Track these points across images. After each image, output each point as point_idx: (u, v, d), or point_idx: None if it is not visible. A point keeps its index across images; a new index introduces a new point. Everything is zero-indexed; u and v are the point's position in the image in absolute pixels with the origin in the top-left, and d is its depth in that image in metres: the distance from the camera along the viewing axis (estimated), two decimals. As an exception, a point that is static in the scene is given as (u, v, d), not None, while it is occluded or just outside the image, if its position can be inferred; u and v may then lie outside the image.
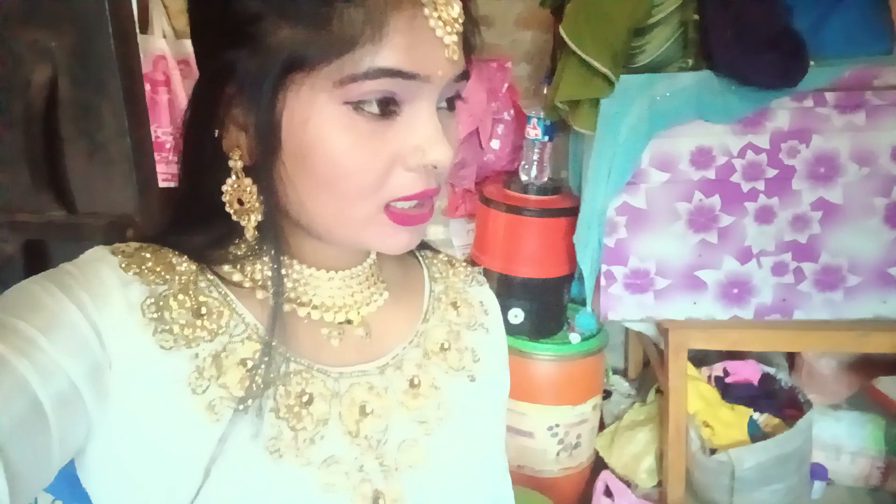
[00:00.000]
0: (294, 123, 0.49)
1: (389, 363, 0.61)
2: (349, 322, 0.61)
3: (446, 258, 0.75)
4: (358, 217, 0.52)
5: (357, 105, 0.48)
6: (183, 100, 2.14)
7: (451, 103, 0.55)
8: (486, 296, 0.75)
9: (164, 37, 2.13)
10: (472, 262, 2.04)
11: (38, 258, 0.86)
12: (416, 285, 0.70)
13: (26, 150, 0.83)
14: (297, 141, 0.49)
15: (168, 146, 2.15)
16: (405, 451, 0.59)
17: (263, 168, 0.52)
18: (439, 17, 0.48)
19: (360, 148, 0.49)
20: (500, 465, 0.74)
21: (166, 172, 2.12)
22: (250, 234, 0.54)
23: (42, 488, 0.46)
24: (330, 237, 0.55)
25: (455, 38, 0.49)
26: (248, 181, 0.53)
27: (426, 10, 0.47)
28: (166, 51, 2.11)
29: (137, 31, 0.91)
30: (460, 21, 0.50)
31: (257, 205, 0.54)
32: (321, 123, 0.49)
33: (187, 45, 2.18)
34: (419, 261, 0.73)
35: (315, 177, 0.50)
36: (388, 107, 0.49)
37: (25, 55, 0.83)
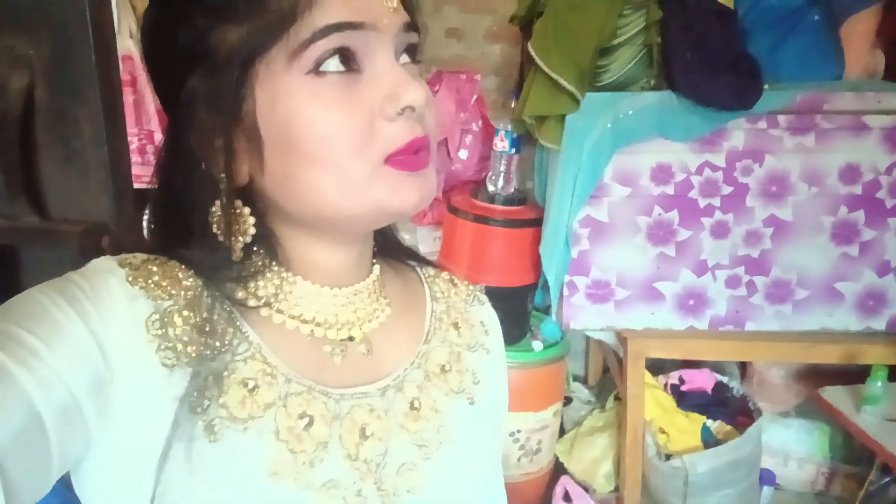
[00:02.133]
0: (265, 112, 0.50)
1: (391, 385, 0.60)
2: (351, 339, 0.60)
3: (448, 277, 0.74)
4: (359, 178, 0.51)
5: (317, 71, 0.49)
6: (149, 100, 2.12)
7: (413, 57, 0.56)
8: (487, 315, 0.74)
9: (131, 37, 2.11)
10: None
11: (9, 264, 0.86)
12: (418, 304, 0.69)
13: (1, 156, 0.83)
14: (274, 128, 0.50)
15: (133, 147, 2.13)
16: (404, 475, 0.58)
17: (255, 169, 0.53)
18: None
19: (333, 109, 0.49)
20: (497, 487, 0.73)
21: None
22: (237, 255, 0.55)
23: (39, 499, 0.45)
24: (343, 215, 0.53)
25: None
26: (238, 202, 0.54)
27: None
28: (133, 51, 2.09)
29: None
30: None
31: (246, 226, 0.54)
32: (289, 100, 0.49)
33: (156, 46, 2.16)
34: (421, 279, 0.72)
35: (302, 155, 0.50)
36: (348, 62, 0.50)
37: (2, 61, 0.83)
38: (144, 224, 0.66)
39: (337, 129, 0.50)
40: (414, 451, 0.59)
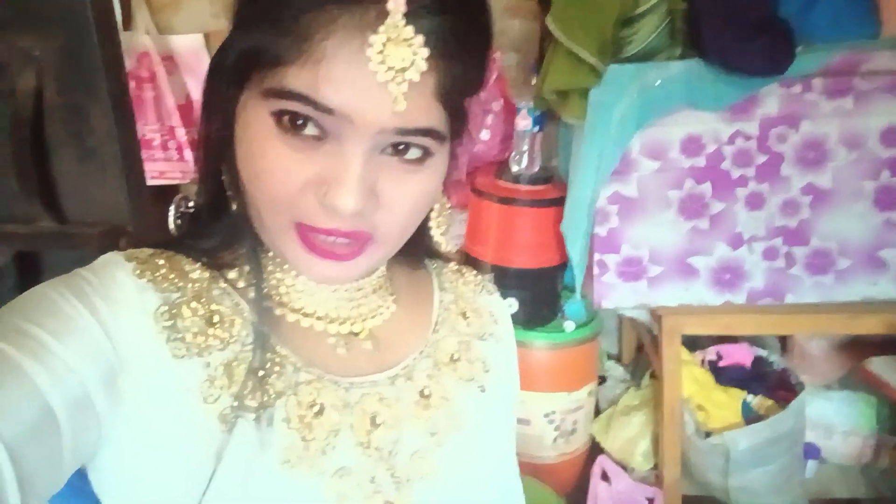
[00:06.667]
0: (237, 117, 0.51)
1: (400, 374, 0.61)
2: (355, 334, 0.60)
3: (456, 267, 0.75)
4: (272, 226, 0.51)
5: (279, 118, 0.48)
6: (168, 96, 2.12)
7: (415, 153, 0.51)
8: (495, 305, 0.74)
9: (147, 33, 2.10)
10: (465, 253, 2.04)
11: (30, 269, 0.86)
12: (426, 296, 0.70)
13: (14, 159, 0.82)
14: (236, 135, 0.52)
15: (155, 143, 2.13)
16: (417, 462, 0.59)
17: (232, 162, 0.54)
18: (383, 62, 0.44)
19: (273, 157, 0.48)
20: (511, 473, 0.74)
21: (153, 170, 2.12)
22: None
23: (53, 493, 0.46)
24: (263, 240, 0.56)
25: (405, 88, 0.45)
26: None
27: (369, 52, 0.44)
28: (150, 47, 2.09)
29: (121, 28, 0.91)
30: (417, 70, 0.45)
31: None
32: (248, 122, 0.50)
33: (171, 40, 2.15)
34: (429, 271, 0.73)
35: (243, 173, 0.51)
36: (303, 128, 0.48)
37: (10, 62, 0.82)
38: (170, 219, 0.67)
39: (266, 175, 0.49)
40: (426, 438, 0.60)
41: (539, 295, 1.97)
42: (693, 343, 2.16)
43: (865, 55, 1.60)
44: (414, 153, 0.51)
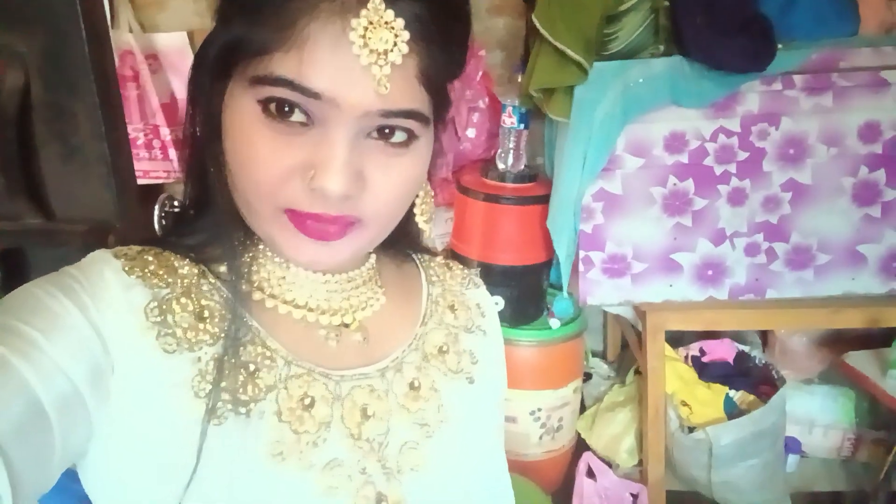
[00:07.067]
0: (223, 108, 0.52)
1: (390, 366, 0.61)
2: (346, 326, 0.61)
3: (443, 261, 0.76)
4: (262, 213, 0.52)
5: (265, 106, 0.48)
6: (152, 95, 2.10)
7: (400, 136, 0.51)
8: (482, 298, 0.75)
9: (131, 31, 2.09)
10: (451, 251, 2.05)
11: (16, 266, 0.85)
12: (415, 289, 0.70)
13: (0, 157, 0.81)
14: (223, 126, 0.52)
15: (139, 143, 2.11)
16: (407, 453, 0.59)
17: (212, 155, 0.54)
18: (366, 45, 0.45)
19: (262, 145, 0.49)
20: (499, 464, 0.74)
21: (137, 170, 2.10)
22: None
23: (44, 491, 0.46)
24: (253, 229, 0.56)
25: (388, 70, 0.46)
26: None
27: (351, 35, 0.45)
28: (133, 45, 2.07)
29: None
30: (400, 52, 0.46)
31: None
32: (234, 111, 0.50)
33: (154, 38, 2.14)
34: (417, 264, 0.74)
35: (230, 163, 0.52)
36: (289, 115, 0.48)
37: (-3, 60, 0.81)
38: (155, 218, 0.67)
39: (253, 163, 0.49)
40: (416, 430, 0.60)
41: (525, 292, 1.98)
42: (677, 339, 2.18)
43: (844, 52, 1.63)
44: (399, 136, 0.52)
